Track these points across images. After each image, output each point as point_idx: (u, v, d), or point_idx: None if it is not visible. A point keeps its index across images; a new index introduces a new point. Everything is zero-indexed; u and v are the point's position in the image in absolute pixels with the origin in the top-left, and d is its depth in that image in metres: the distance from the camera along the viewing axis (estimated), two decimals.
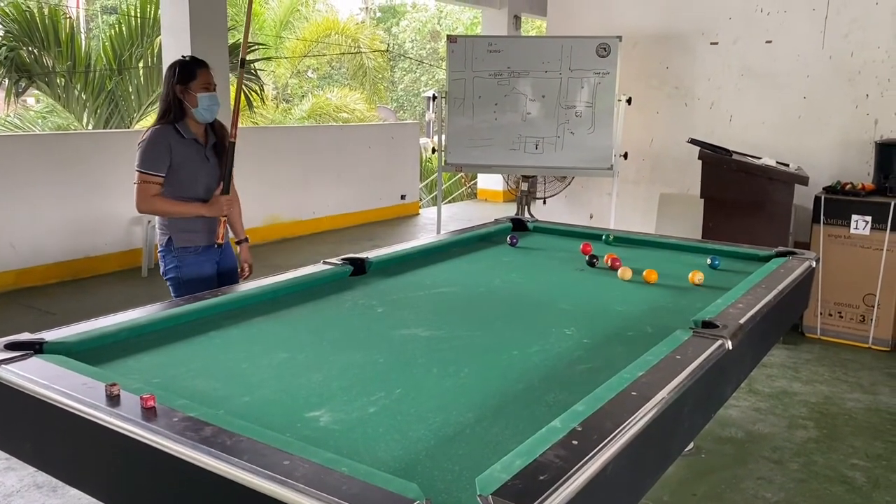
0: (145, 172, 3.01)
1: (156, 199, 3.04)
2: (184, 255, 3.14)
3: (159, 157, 3.02)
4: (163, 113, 3.09)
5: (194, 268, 3.17)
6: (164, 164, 3.03)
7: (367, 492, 1.26)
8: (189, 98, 3.04)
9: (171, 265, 3.15)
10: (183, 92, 3.04)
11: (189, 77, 3.04)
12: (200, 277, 3.17)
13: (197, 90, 3.04)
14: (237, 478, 1.34)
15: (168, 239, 3.12)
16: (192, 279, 3.14)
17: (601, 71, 5.69)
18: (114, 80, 9.34)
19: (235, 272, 3.39)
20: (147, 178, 3.01)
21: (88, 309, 5.09)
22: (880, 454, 3.34)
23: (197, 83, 3.04)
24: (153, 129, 3.06)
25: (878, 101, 5.17)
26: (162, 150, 3.02)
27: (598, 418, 1.58)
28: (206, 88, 3.06)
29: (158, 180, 3.03)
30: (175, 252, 3.13)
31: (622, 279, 2.91)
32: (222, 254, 3.31)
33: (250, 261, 3.47)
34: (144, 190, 3.02)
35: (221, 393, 1.81)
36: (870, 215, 4.70)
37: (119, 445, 1.57)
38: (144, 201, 3.04)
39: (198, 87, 3.04)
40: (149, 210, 3.08)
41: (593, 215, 6.46)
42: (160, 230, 3.16)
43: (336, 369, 1.99)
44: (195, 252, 3.16)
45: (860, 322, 4.81)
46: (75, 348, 2.03)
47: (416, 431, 1.62)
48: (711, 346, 2.07)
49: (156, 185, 3.03)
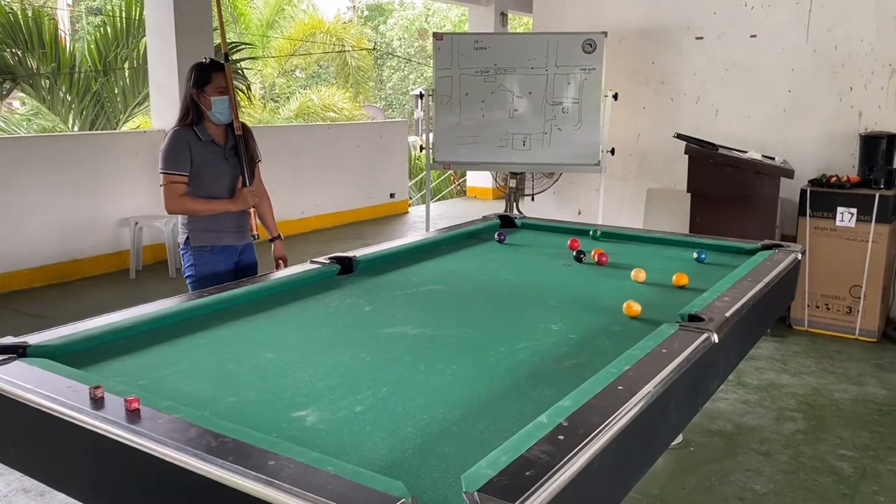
0: (170, 173, 3.06)
1: (184, 198, 3.09)
2: (200, 253, 3.19)
3: (181, 158, 3.07)
4: (182, 115, 3.15)
5: (210, 266, 3.22)
6: (186, 163, 3.08)
7: (352, 491, 1.26)
8: (204, 101, 3.09)
9: (188, 263, 3.21)
10: (198, 95, 3.10)
11: (204, 81, 3.09)
12: (216, 274, 3.21)
13: (212, 93, 3.08)
14: (223, 479, 1.34)
15: (186, 238, 3.19)
16: (207, 276, 3.18)
17: (587, 67, 5.70)
18: (99, 82, 9.28)
19: (255, 269, 3.43)
20: (172, 178, 3.06)
21: (76, 312, 5.06)
22: (867, 444, 3.36)
23: (212, 87, 3.09)
24: (173, 131, 3.12)
25: (861, 94, 5.20)
26: (182, 151, 3.07)
27: (585, 413, 1.58)
28: (221, 92, 3.10)
29: (184, 180, 3.08)
30: (192, 251, 3.19)
31: (636, 281, 2.88)
32: (243, 252, 3.35)
33: (284, 256, 3.53)
34: (172, 190, 3.07)
35: (207, 394, 1.80)
36: (855, 207, 4.73)
37: (103, 448, 1.56)
38: (173, 201, 3.09)
39: (212, 91, 3.09)
40: (178, 210, 3.12)
41: (581, 211, 6.48)
42: (181, 229, 3.22)
43: (323, 369, 1.99)
44: (210, 251, 3.21)
45: (847, 314, 4.84)
46: (59, 351, 2.01)
47: (402, 429, 1.61)
48: (697, 340, 2.08)
49: (182, 185, 3.08)
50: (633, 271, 2.91)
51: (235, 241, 3.29)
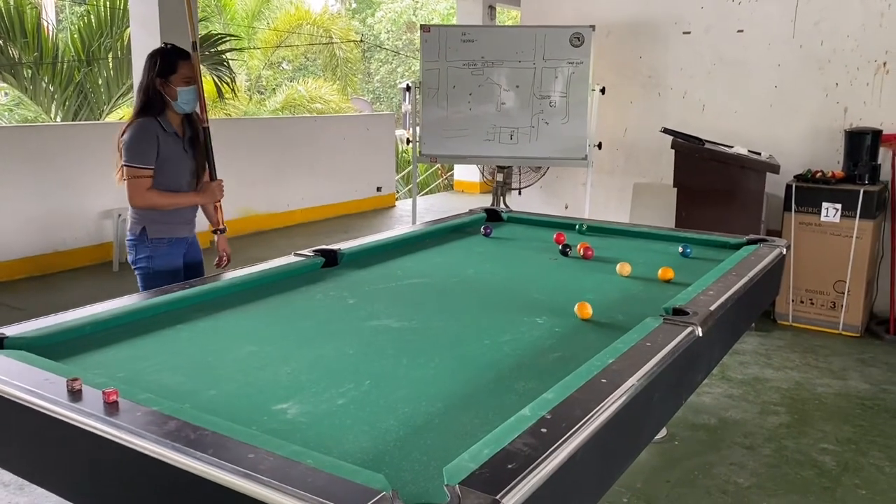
0: (136, 167, 2.95)
1: (151, 192, 2.99)
2: (157, 245, 3.09)
3: (148, 150, 2.96)
4: (143, 105, 3.00)
5: (166, 259, 3.12)
6: (153, 156, 2.97)
7: (332, 484, 1.25)
8: (169, 91, 2.98)
9: (142, 255, 3.09)
10: (163, 85, 2.98)
11: (170, 70, 2.97)
12: (170, 269, 3.13)
13: (177, 83, 2.98)
14: (201, 472, 1.32)
15: (142, 229, 3.06)
16: (162, 270, 3.10)
17: (575, 60, 5.69)
18: (82, 72, 9.17)
19: (201, 265, 3.36)
20: (138, 172, 2.95)
21: (57, 304, 5.00)
22: (850, 438, 3.38)
23: (178, 76, 2.98)
24: (137, 122, 2.97)
25: (847, 90, 5.22)
26: (150, 143, 2.96)
27: (568, 406, 1.58)
28: (187, 82, 3.00)
29: (149, 173, 2.97)
30: (148, 242, 3.08)
31: (621, 274, 2.87)
32: (191, 244, 3.27)
33: (228, 250, 3.48)
34: (138, 185, 2.96)
35: (187, 387, 1.78)
36: (840, 203, 4.75)
37: (81, 441, 1.54)
38: (139, 196, 2.98)
39: (178, 81, 2.98)
40: (144, 204, 3.01)
41: (568, 205, 6.47)
42: (132, 219, 3.10)
43: (305, 361, 1.97)
44: (168, 243, 3.11)
45: (831, 308, 4.87)
46: (37, 343, 1.99)
47: (384, 422, 1.60)
48: (682, 333, 2.07)
49: (148, 179, 2.97)
50: (619, 265, 2.91)
51: (188, 232, 3.22)
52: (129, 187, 2.98)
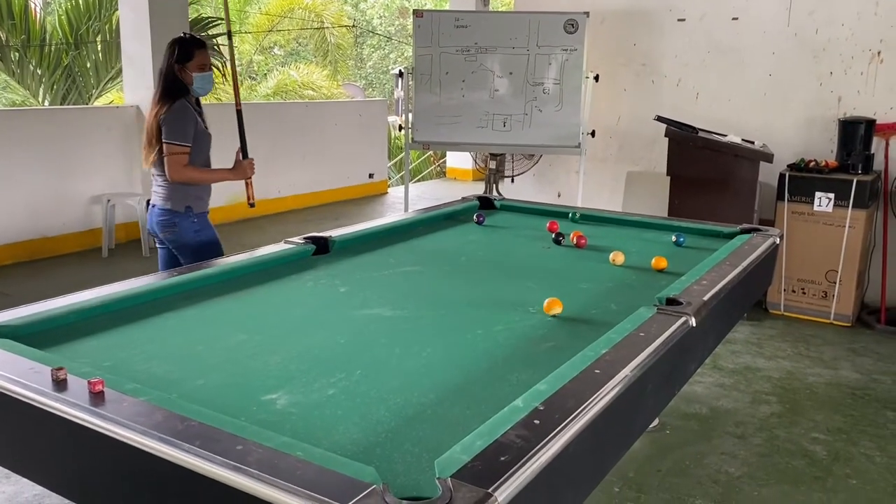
0: (177, 143, 3.17)
1: (188, 168, 3.22)
2: (202, 219, 3.36)
3: (188, 129, 3.20)
4: (165, 89, 3.21)
5: (210, 231, 3.40)
6: (191, 135, 3.21)
7: (322, 476, 1.22)
8: (185, 76, 3.22)
9: (190, 230, 3.31)
10: (181, 70, 3.21)
11: (187, 57, 3.21)
12: (215, 240, 3.41)
13: (193, 70, 3.22)
14: (188, 464, 1.30)
15: (187, 206, 3.29)
16: (209, 241, 3.37)
17: (569, 47, 5.64)
18: (70, 55, 9.06)
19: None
20: (179, 148, 3.18)
21: (45, 291, 4.94)
22: (840, 428, 3.39)
23: (194, 63, 3.22)
24: (178, 102, 3.19)
25: (841, 79, 5.21)
26: (189, 122, 3.21)
27: (561, 397, 1.56)
28: (202, 68, 3.24)
29: (187, 150, 3.20)
30: (195, 217, 3.32)
31: (615, 264, 2.85)
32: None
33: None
34: (178, 160, 3.18)
35: (174, 376, 1.75)
36: (833, 192, 4.74)
37: (66, 432, 1.51)
38: (178, 171, 3.19)
39: (194, 67, 3.22)
40: (182, 179, 3.23)
41: (561, 193, 6.45)
42: (174, 198, 3.27)
43: (295, 351, 1.95)
44: (206, 217, 3.40)
45: (822, 298, 4.87)
46: (22, 331, 1.95)
47: (375, 413, 1.58)
48: (675, 323, 2.06)
49: (186, 156, 3.20)
50: (612, 254, 2.89)
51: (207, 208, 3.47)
52: (169, 163, 3.18)
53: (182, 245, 3.33)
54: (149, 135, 3.24)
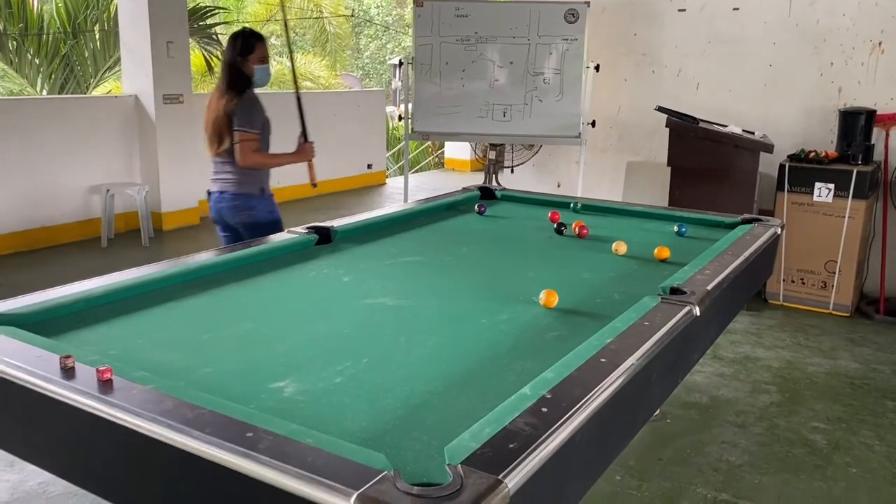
0: (247, 131, 3.38)
1: (257, 153, 3.43)
2: (272, 199, 3.60)
3: (257, 117, 3.43)
4: (231, 80, 3.42)
5: (277, 210, 3.64)
6: (259, 122, 3.43)
7: (333, 463, 1.23)
8: (247, 68, 3.43)
9: (265, 210, 3.54)
10: (242, 63, 3.42)
11: (248, 50, 3.43)
12: (280, 219, 3.61)
13: (255, 62, 3.44)
14: (199, 451, 1.30)
15: (261, 188, 3.52)
16: (278, 220, 3.59)
17: (569, 37, 5.63)
18: (69, 44, 9.01)
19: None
20: (249, 135, 3.39)
21: (45, 280, 4.94)
22: (840, 417, 3.41)
23: (255, 56, 3.44)
24: (248, 93, 3.42)
25: (842, 70, 5.21)
26: (259, 111, 3.43)
27: (568, 385, 1.57)
28: (262, 61, 3.46)
29: (257, 137, 3.42)
30: (267, 198, 3.56)
31: (617, 253, 2.86)
32: None
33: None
34: (248, 147, 3.39)
35: (181, 364, 1.76)
36: (833, 183, 4.75)
37: (75, 420, 1.51)
38: (249, 156, 3.40)
39: (255, 60, 3.44)
40: (253, 164, 3.44)
41: (561, 184, 6.45)
42: (246, 182, 3.47)
43: (301, 339, 1.95)
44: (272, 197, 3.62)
45: (821, 288, 4.89)
46: (28, 320, 1.95)
47: (383, 401, 1.59)
48: (679, 313, 2.07)
49: (256, 142, 3.41)
50: (615, 244, 2.89)
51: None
52: (241, 149, 3.38)
53: (255, 225, 3.49)
54: (216, 125, 3.41)
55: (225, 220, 3.55)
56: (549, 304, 2.20)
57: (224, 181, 3.50)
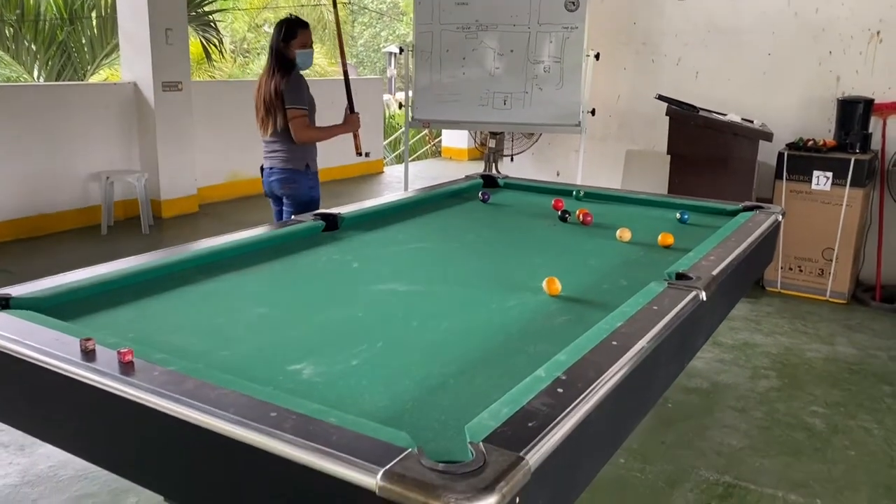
0: (298, 108, 3.66)
1: (309, 127, 3.73)
2: (315, 177, 3.86)
3: (304, 94, 3.70)
4: (276, 64, 3.69)
5: (318, 189, 3.90)
6: (307, 99, 3.71)
7: (358, 441, 1.26)
8: (289, 52, 3.69)
9: (306, 186, 3.80)
10: (285, 48, 3.68)
11: (290, 37, 3.69)
12: (319, 198, 3.88)
13: (297, 47, 3.70)
14: (224, 431, 1.33)
15: (306, 164, 3.79)
16: (318, 198, 3.85)
17: (569, 25, 5.63)
18: (65, 31, 8.96)
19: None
20: (300, 111, 3.67)
21: (46, 267, 4.95)
22: (838, 401, 3.46)
23: (297, 41, 3.70)
24: (294, 73, 3.69)
25: (840, 59, 5.23)
26: (306, 90, 3.72)
27: (582, 367, 1.60)
28: (304, 46, 3.72)
29: (306, 112, 3.71)
30: (311, 175, 3.82)
31: (621, 240, 2.88)
32: None
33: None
34: (301, 122, 3.68)
35: (199, 348, 1.78)
36: (831, 171, 4.78)
37: (97, 401, 1.54)
38: (302, 131, 3.69)
39: (297, 45, 3.70)
40: (307, 137, 3.72)
41: (560, 172, 6.47)
42: (294, 157, 3.75)
43: (315, 323, 1.98)
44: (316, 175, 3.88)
45: (819, 276, 4.93)
46: (44, 304, 1.98)
47: (400, 383, 1.61)
48: (686, 297, 2.10)
49: (306, 117, 3.70)
50: (619, 231, 2.92)
51: None
52: (294, 126, 3.66)
53: (296, 198, 3.78)
54: (266, 105, 3.69)
55: (275, 193, 3.87)
56: (552, 292, 2.23)
57: (273, 157, 3.80)
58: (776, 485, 2.76)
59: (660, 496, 2.68)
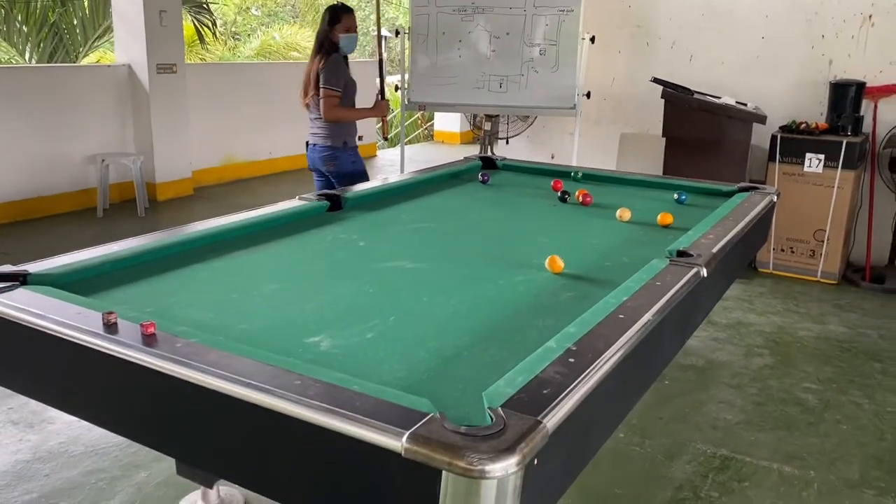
0: (330, 88, 3.88)
1: (338, 108, 3.93)
2: (355, 151, 4.11)
3: (340, 76, 3.91)
4: (319, 46, 3.96)
5: (361, 161, 4.15)
6: (341, 81, 3.92)
7: (381, 407, 1.31)
8: (333, 36, 3.93)
9: (348, 160, 4.06)
10: (330, 32, 3.93)
11: (335, 21, 3.94)
12: (364, 169, 4.14)
13: (340, 31, 3.93)
14: (251, 398, 1.37)
15: (344, 141, 4.04)
16: (362, 170, 4.10)
17: (565, 8, 5.66)
18: (57, 12, 8.89)
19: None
20: (332, 93, 3.89)
21: (44, 249, 4.94)
22: (830, 378, 3.54)
23: (341, 26, 3.93)
24: (332, 57, 3.90)
25: (832, 42, 5.29)
26: (340, 71, 3.92)
27: (591, 338, 1.65)
28: (348, 30, 3.95)
29: (339, 94, 3.91)
30: (350, 150, 4.07)
31: (621, 220, 2.93)
32: None
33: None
34: (330, 102, 3.89)
35: (217, 322, 1.83)
36: (823, 154, 4.85)
37: (121, 372, 1.58)
38: (330, 110, 3.91)
39: (341, 29, 3.93)
40: (334, 117, 3.94)
41: (555, 155, 6.51)
42: (333, 135, 4.01)
43: (328, 298, 2.02)
44: (357, 150, 4.13)
45: (810, 257, 5.02)
46: (60, 280, 2.01)
47: (416, 354, 1.67)
48: (688, 273, 2.16)
49: (337, 98, 3.91)
50: (619, 210, 2.98)
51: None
52: (324, 104, 3.90)
53: (341, 173, 4.04)
54: (306, 84, 4.00)
55: (318, 168, 4.13)
56: (555, 270, 2.28)
57: (315, 135, 4.07)
58: (771, 457, 2.84)
59: (659, 468, 2.75)
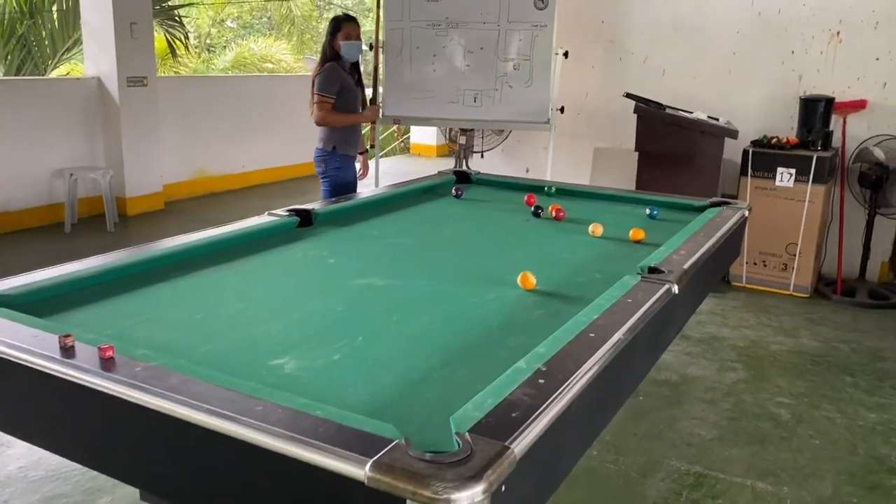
0: (323, 94, 4.06)
1: (329, 113, 4.08)
2: (343, 160, 4.22)
3: (333, 84, 4.07)
4: (322, 56, 4.18)
5: (347, 172, 4.28)
6: (335, 88, 4.08)
7: (345, 433, 1.27)
8: (335, 44, 4.13)
9: (332, 167, 4.19)
10: (332, 41, 4.13)
11: (336, 30, 4.14)
12: (350, 181, 4.28)
13: (341, 39, 4.11)
14: (211, 425, 1.33)
15: (333, 147, 4.17)
16: (346, 181, 4.23)
17: (539, 23, 5.68)
18: (25, 24, 8.76)
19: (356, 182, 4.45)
20: (325, 98, 4.06)
21: (8, 265, 4.86)
22: (803, 392, 3.55)
23: (341, 34, 4.12)
24: (328, 65, 4.10)
25: (802, 58, 5.36)
26: (334, 79, 4.08)
27: (561, 359, 1.63)
28: (348, 37, 4.12)
29: (332, 100, 4.08)
30: (338, 157, 4.18)
31: (594, 235, 2.92)
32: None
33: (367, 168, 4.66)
34: (322, 107, 4.06)
35: (179, 344, 1.77)
36: (794, 168, 4.90)
37: (78, 397, 1.53)
38: (319, 115, 4.07)
39: (342, 37, 4.12)
40: (325, 121, 4.10)
41: (529, 169, 6.52)
42: (324, 139, 4.19)
43: (295, 318, 1.98)
44: (347, 159, 4.25)
45: (782, 270, 5.06)
46: (15, 301, 1.94)
47: (382, 376, 1.63)
48: (660, 290, 2.15)
49: (330, 104, 4.07)
50: (591, 226, 2.97)
51: (355, 153, 4.35)
52: (315, 109, 4.08)
53: (326, 177, 4.20)
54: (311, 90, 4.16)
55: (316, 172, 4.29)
56: (527, 286, 2.25)
57: (317, 139, 4.24)
58: (745, 474, 2.83)
59: (633, 486, 2.73)
